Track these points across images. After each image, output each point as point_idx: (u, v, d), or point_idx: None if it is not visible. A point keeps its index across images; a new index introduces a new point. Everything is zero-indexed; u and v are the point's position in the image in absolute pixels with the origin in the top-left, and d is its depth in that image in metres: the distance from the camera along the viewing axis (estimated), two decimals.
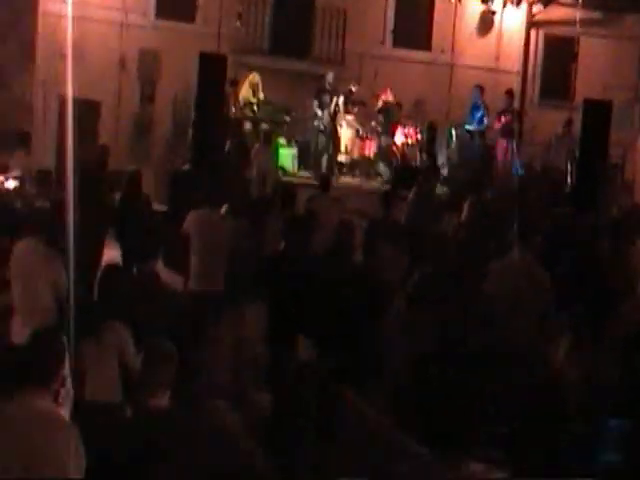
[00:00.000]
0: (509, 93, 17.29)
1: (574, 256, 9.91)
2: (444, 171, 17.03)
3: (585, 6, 17.45)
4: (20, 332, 7.61)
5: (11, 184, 9.70)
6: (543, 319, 8.44)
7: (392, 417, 7.10)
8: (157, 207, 13.83)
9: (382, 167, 16.67)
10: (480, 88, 17.27)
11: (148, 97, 18.54)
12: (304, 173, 16.57)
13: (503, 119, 16.65)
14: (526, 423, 7.31)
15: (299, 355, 8.14)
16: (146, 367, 5.25)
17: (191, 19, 18.99)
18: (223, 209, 10.24)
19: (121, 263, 10.80)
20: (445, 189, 16.17)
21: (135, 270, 7.59)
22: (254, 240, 10.69)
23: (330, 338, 7.96)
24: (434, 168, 14.01)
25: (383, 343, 7.55)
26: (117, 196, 11.76)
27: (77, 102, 12.30)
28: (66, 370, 7.64)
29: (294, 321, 8.34)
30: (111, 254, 11.72)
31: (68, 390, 8.20)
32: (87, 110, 16.13)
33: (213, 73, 14.69)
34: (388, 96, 17.10)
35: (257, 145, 15.01)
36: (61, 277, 7.57)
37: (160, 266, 9.90)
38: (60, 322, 7.64)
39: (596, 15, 19.30)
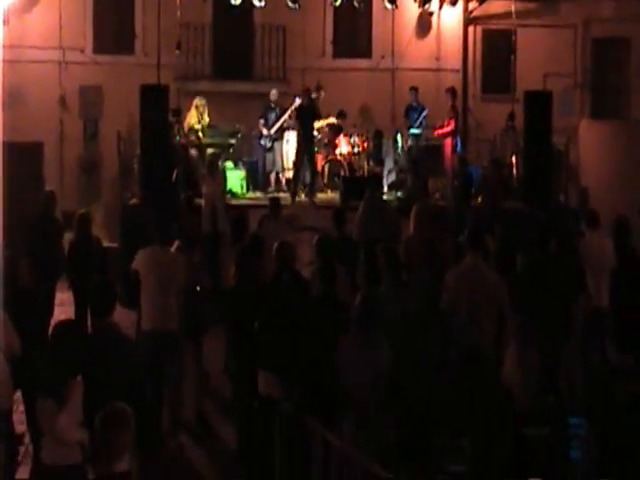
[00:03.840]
0: (451, 91, 17.18)
1: (526, 258, 9.87)
2: (392, 176, 16.93)
3: None
4: None
5: None
6: (499, 324, 8.37)
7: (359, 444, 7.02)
8: (110, 245, 13.72)
9: None
10: (415, 89, 17.20)
11: (92, 135, 18.38)
12: (254, 194, 16.46)
13: (448, 124, 16.55)
14: (484, 433, 7.28)
15: (261, 389, 7.99)
16: (103, 434, 5.07)
17: (130, 51, 18.84)
18: (174, 245, 10.04)
19: (74, 313, 10.71)
20: (395, 194, 16.13)
21: (90, 323, 7.37)
22: (208, 274, 10.57)
23: (292, 369, 7.84)
24: (372, 178, 13.90)
25: (341, 369, 7.40)
26: (68, 237, 11.63)
27: (19, 145, 12.15)
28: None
29: (253, 354, 8.22)
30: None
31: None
32: (31, 152, 16.00)
33: (155, 104, 14.55)
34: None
35: (204, 172, 14.80)
36: (12, 337, 7.41)
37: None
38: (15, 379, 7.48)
39: (531, 6, 19.30)
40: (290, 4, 17.30)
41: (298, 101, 16.08)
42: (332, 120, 16.85)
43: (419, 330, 8.04)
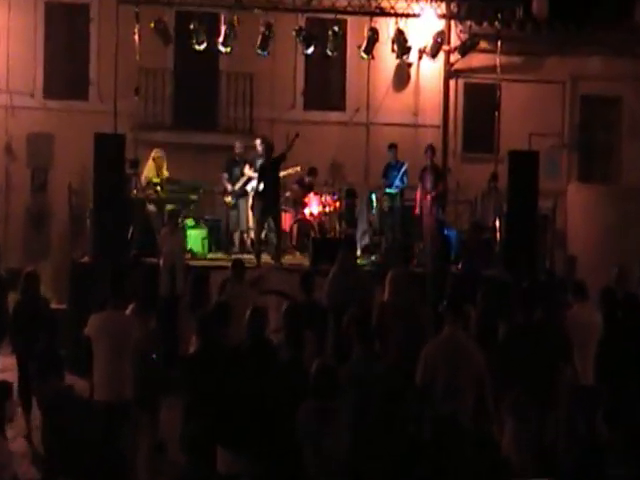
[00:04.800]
0: (431, 149, 17.30)
1: (509, 327, 10.06)
2: (366, 239, 17.14)
3: (504, 52, 17.76)
4: None
5: None
6: (482, 401, 8.52)
7: None
8: (58, 306, 13.78)
9: None
10: (394, 147, 17.41)
11: (40, 186, 18.47)
12: (216, 254, 16.62)
13: (437, 187, 16.69)
14: None
15: (221, 467, 8.08)
16: None
17: (84, 97, 19.13)
18: (129, 309, 10.15)
19: (18, 379, 10.74)
20: (369, 259, 16.31)
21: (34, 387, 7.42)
22: (165, 340, 10.66)
23: (254, 442, 7.96)
24: (347, 240, 14.01)
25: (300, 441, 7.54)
26: (13, 297, 11.68)
27: None
28: None
29: (213, 427, 8.32)
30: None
31: None
32: None
33: (110, 154, 14.72)
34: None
35: (163, 229, 14.97)
36: None
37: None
38: None
39: (517, 60, 19.79)
40: (259, 51, 17.50)
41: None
42: (297, 169, 17.05)
43: (391, 405, 8.16)
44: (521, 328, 9.74)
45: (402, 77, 20.22)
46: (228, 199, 16.98)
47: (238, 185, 16.95)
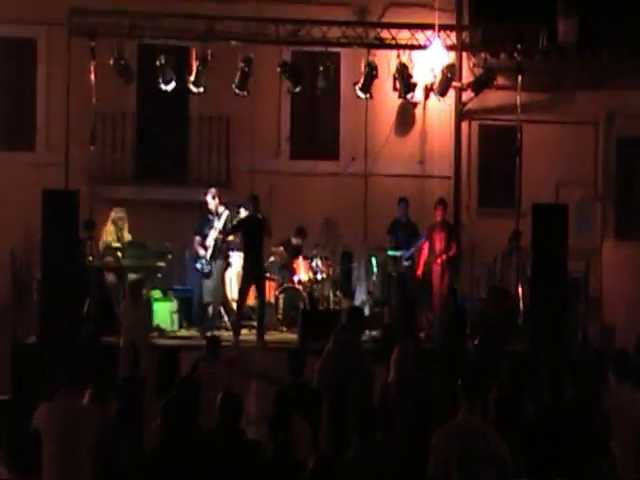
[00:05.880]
0: (442, 204, 17.39)
1: (535, 412, 10.09)
2: (366, 310, 17.16)
3: (526, 87, 17.81)
4: None
5: None
6: None
7: None
8: None
9: None
10: (405, 201, 17.49)
11: None
12: (188, 332, 16.68)
13: (450, 249, 16.82)
14: None
15: None
16: None
17: (29, 147, 19.31)
18: (85, 397, 10.15)
19: None
20: (369, 334, 16.30)
21: None
22: (126, 432, 10.64)
23: None
24: (354, 312, 14.01)
25: None
26: None
27: None
28: None
29: None
30: None
31: None
32: None
33: (62, 214, 14.76)
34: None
35: (124, 302, 15.00)
36: None
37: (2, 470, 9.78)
38: None
39: (541, 97, 20.05)
40: (236, 90, 17.55)
41: (243, 212, 16.40)
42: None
43: None
44: (550, 412, 9.79)
45: (406, 119, 20.47)
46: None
47: (209, 252, 16.95)
